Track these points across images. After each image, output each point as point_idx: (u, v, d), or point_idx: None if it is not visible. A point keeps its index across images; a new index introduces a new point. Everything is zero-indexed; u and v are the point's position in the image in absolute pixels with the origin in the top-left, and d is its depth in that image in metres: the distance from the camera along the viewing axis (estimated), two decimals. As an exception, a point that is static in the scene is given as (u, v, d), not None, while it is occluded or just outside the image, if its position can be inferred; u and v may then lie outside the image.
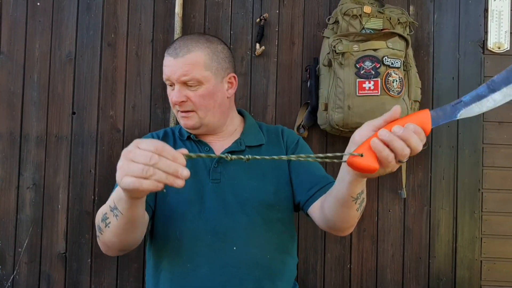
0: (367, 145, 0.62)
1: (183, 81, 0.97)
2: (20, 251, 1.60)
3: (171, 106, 1.02)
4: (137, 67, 1.64)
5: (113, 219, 0.77)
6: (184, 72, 0.96)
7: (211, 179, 0.99)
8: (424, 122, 0.65)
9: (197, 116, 0.99)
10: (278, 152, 1.06)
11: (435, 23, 1.67)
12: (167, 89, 1.03)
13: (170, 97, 1.00)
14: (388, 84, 1.40)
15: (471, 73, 1.65)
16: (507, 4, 1.65)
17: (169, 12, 1.64)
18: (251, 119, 1.14)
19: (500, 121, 1.65)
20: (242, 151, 1.03)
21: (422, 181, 1.64)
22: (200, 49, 0.99)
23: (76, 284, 1.60)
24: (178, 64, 0.97)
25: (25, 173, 1.61)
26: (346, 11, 1.48)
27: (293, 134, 1.14)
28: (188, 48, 0.98)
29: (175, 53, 0.97)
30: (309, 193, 0.98)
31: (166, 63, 0.99)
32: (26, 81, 1.63)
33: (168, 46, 1.02)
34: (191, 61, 0.97)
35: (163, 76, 1.01)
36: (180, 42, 1.00)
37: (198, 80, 0.97)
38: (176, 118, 1.58)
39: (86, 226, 1.61)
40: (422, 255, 1.63)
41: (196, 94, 0.98)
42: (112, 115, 1.63)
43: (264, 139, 1.08)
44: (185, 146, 1.03)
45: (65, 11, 1.64)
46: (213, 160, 1.00)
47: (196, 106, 0.98)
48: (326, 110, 1.49)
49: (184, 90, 0.98)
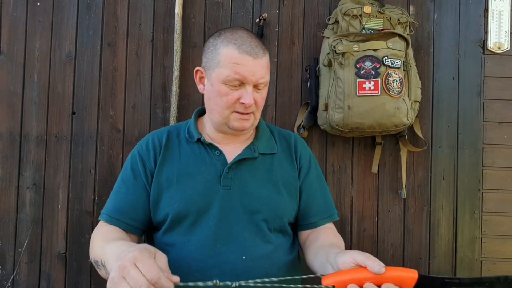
0: (342, 278, 0.66)
1: (258, 84, 0.93)
2: (20, 251, 1.60)
3: (224, 107, 0.94)
4: (137, 67, 1.64)
5: (103, 272, 0.80)
6: (263, 74, 0.93)
7: (222, 185, 0.96)
8: (407, 284, 0.64)
9: (253, 117, 0.97)
10: (290, 165, 1.04)
11: (435, 23, 1.67)
12: (223, 88, 0.92)
13: (233, 97, 0.92)
14: (388, 84, 1.40)
15: (471, 73, 1.65)
16: (507, 4, 1.65)
17: (169, 12, 1.64)
18: (263, 122, 1.09)
19: (500, 121, 1.65)
20: (254, 158, 0.99)
21: (422, 181, 1.64)
22: (267, 51, 0.97)
23: (76, 284, 1.60)
24: (258, 65, 0.91)
25: (25, 173, 1.61)
26: (346, 11, 1.48)
27: (306, 148, 1.10)
28: (263, 49, 0.94)
29: (255, 53, 0.91)
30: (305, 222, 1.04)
31: (243, 61, 0.90)
32: (26, 81, 1.63)
33: (231, 40, 0.92)
34: (266, 63, 0.94)
35: (228, 74, 0.91)
36: (251, 40, 0.93)
37: (266, 83, 0.96)
38: (175, 118, 1.58)
39: (86, 226, 1.61)
40: (422, 255, 1.63)
41: (261, 96, 0.95)
42: (112, 115, 1.63)
43: (276, 148, 1.04)
44: (193, 149, 0.99)
45: (65, 11, 1.64)
46: (225, 165, 0.97)
47: (258, 108, 0.96)
48: (326, 110, 1.48)
49: (253, 92, 0.93)
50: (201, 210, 0.94)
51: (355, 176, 1.63)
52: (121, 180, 1.01)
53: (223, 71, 0.91)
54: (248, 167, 0.98)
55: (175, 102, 1.58)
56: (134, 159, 1.01)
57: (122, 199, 0.97)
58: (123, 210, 0.96)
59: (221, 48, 0.92)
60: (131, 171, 1.00)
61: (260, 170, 0.99)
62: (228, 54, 0.91)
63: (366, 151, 1.64)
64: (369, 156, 1.63)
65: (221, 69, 0.91)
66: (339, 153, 1.64)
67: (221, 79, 0.91)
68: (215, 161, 0.98)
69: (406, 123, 1.44)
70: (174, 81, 1.58)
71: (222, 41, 0.93)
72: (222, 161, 0.98)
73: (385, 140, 1.63)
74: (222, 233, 0.93)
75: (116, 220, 0.95)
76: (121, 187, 0.99)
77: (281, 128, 1.14)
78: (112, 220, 0.95)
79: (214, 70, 0.93)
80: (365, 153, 1.64)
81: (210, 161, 0.98)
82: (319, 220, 1.03)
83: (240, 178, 0.97)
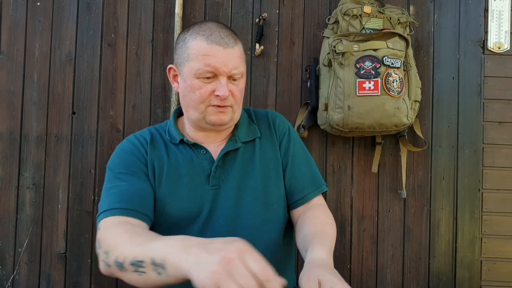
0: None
1: (232, 74, 0.89)
2: (20, 251, 1.60)
3: (198, 101, 0.90)
4: (137, 67, 1.64)
5: (152, 274, 0.64)
6: (236, 64, 0.88)
7: (211, 186, 0.93)
8: None
9: (231, 110, 0.92)
10: (271, 144, 1.00)
11: (435, 23, 1.67)
12: (196, 82, 0.88)
13: (207, 90, 0.88)
14: (388, 84, 1.40)
15: (471, 73, 1.65)
16: (507, 4, 1.65)
17: (169, 12, 1.64)
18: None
19: (500, 121, 1.65)
20: (237, 149, 0.97)
21: (422, 181, 1.64)
22: (240, 42, 0.92)
23: (76, 284, 1.60)
24: (229, 55, 0.87)
25: (25, 173, 1.61)
26: (346, 11, 1.48)
27: (283, 121, 1.06)
28: (234, 39, 0.90)
29: (225, 43, 0.87)
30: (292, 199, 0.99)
31: (212, 52, 0.86)
32: (26, 81, 1.63)
33: (199, 32, 0.89)
34: (239, 53, 0.90)
35: (199, 67, 0.87)
36: (220, 30, 0.89)
37: (242, 74, 0.91)
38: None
39: (86, 226, 1.61)
40: (422, 255, 1.63)
41: (238, 88, 0.91)
42: (112, 115, 1.63)
43: (258, 131, 1.01)
44: (180, 151, 0.95)
45: (65, 11, 1.64)
46: (212, 164, 0.94)
47: (235, 101, 0.92)
48: (326, 110, 1.48)
49: (228, 84, 0.89)
50: (191, 214, 0.91)
51: (355, 176, 1.63)
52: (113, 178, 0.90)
53: (194, 65, 0.87)
54: (233, 160, 0.96)
55: (175, 102, 1.58)
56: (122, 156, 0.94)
57: (128, 190, 0.87)
58: (133, 199, 0.85)
59: (189, 41, 0.89)
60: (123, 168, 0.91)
61: (246, 160, 0.97)
62: (197, 46, 0.87)
63: (366, 151, 1.64)
64: (369, 156, 1.63)
65: (192, 62, 0.88)
66: (339, 153, 1.64)
67: (192, 73, 0.88)
68: (202, 160, 0.95)
69: (406, 123, 1.44)
70: (174, 81, 1.58)
71: (191, 35, 0.90)
72: (209, 159, 0.95)
73: (385, 140, 1.63)
74: (213, 233, 0.90)
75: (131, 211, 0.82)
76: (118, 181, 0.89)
77: (257, 109, 1.10)
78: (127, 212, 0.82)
79: (185, 65, 0.90)
80: (365, 153, 1.64)
81: (197, 161, 0.95)
82: (307, 194, 0.98)
83: (227, 173, 0.94)
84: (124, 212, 0.82)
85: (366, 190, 1.63)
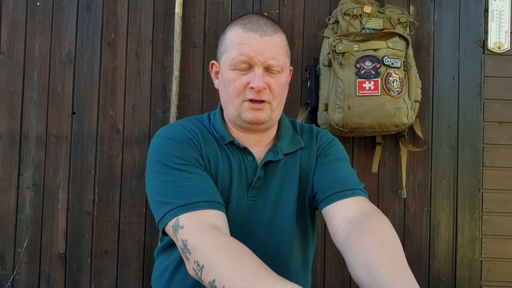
0: None
1: (269, 65, 0.81)
2: (20, 251, 1.60)
3: (233, 95, 0.83)
4: (137, 67, 1.64)
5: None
6: (274, 54, 0.81)
7: (249, 197, 0.87)
8: None
9: (270, 107, 0.83)
10: (310, 155, 0.92)
11: (435, 23, 1.67)
12: (231, 74, 0.82)
13: (241, 82, 0.81)
14: (388, 84, 1.40)
15: (471, 73, 1.65)
16: (507, 4, 1.65)
17: (169, 12, 1.64)
18: (285, 119, 0.97)
19: (500, 121, 1.65)
20: (279, 161, 0.89)
21: (422, 181, 1.64)
22: (282, 32, 0.85)
23: (76, 284, 1.60)
24: (267, 43, 0.80)
25: (25, 173, 1.61)
26: (346, 11, 1.48)
27: (328, 134, 0.97)
28: (274, 28, 0.83)
29: (262, 31, 0.80)
30: (326, 194, 0.84)
31: (248, 40, 0.80)
32: (26, 81, 1.63)
33: (238, 21, 0.84)
34: (279, 43, 0.83)
35: (234, 56, 0.81)
36: (259, 19, 0.83)
37: (282, 67, 0.83)
38: (175, 118, 1.58)
39: (86, 226, 1.60)
40: (422, 255, 1.63)
41: (277, 82, 0.83)
42: (112, 115, 1.63)
43: (302, 142, 0.93)
44: (226, 153, 0.87)
45: (65, 11, 1.64)
46: (255, 174, 0.87)
47: (274, 96, 0.83)
48: (326, 110, 1.48)
49: (264, 76, 0.81)
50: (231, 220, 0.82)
51: (355, 176, 1.63)
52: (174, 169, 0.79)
53: (229, 55, 0.82)
54: (273, 172, 0.89)
55: (175, 102, 1.58)
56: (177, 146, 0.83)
57: (200, 181, 0.78)
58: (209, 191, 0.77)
59: (228, 33, 0.84)
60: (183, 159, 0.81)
61: (287, 173, 0.90)
62: (233, 35, 0.82)
63: (366, 151, 1.64)
64: (369, 156, 1.63)
65: (228, 53, 0.82)
66: (339, 153, 1.64)
67: (228, 65, 0.82)
68: (248, 167, 0.88)
69: (406, 123, 1.44)
70: (174, 81, 1.58)
71: (230, 26, 0.85)
72: (253, 168, 0.88)
73: (385, 140, 1.63)
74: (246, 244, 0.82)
75: (213, 203, 0.75)
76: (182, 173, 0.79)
77: (302, 123, 1.03)
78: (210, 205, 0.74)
79: (223, 57, 0.84)
80: (365, 153, 1.64)
81: (244, 167, 0.88)
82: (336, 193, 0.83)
83: (266, 187, 0.88)
84: (208, 205, 0.73)
85: (366, 190, 1.62)
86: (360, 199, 0.82)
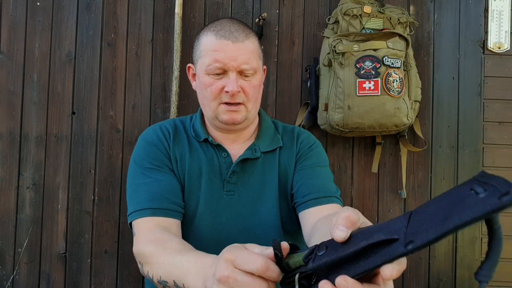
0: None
1: (242, 70, 0.86)
2: (20, 251, 1.60)
3: (210, 98, 0.88)
4: (137, 67, 1.64)
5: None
6: (246, 59, 0.85)
7: (225, 191, 0.91)
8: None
9: (245, 109, 0.89)
10: (290, 157, 0.96)
11: (435, 23, 1.67)
12: (207, 79, 0.87)
13: (217, 86, 0.86)
14: (388, 84, 1.40)
15: (471, 73, 1.65)
16: (507, 4, 1.65)
17: (169, 12, 1.64)
18: (267, 119, 1.02)
19: (500, 121, 1.65)
20: (256, 158, 0.93)
21: (422, 181, 1.64)
22: (254, 36, 0.90)
23: (76, 284, 1.60)
24: (239, 49, 0.85)
25: (25, 173, 1.61)
26: (346, 11, 1.48)
27: (310, 137, 1.01)
28: (245, 33, 0.87)
29: (234, 37, 0.85)
30: (304, 199, 0.89)
31: (221, 47, 0.84)
32: (26, 81, 1.63)
33: (211, 28, 0.88)
34: (251, 48, 0.87)
35: (208, 63, 0.86)
36: (231, 25, 0.87)
37: (254, 69, 0.88)
38: (175, 116, 1.58)
39: (86, 226, 1.60)
40: (422, 255, 1.62)
41: (250, 84, 0.88)
42: (112, 115, 1.63)
43: (281, 141, 0.98)
44: (202, 149, 0.94)
45: (65, 11, 1.64)
46: (229, 169, 0.92)
47: (248, 98, 0.88)
48: (326, 110, 1.48)
49: (238, 80, 0.86)
50: (205, 215, 0.90)
51: (355, 176, 1.63)
52: (140, 173, 0.89)
53: (204, 61, 0.87)
54: (252, 170, 0.93)
55: (175, 102, 1.58)
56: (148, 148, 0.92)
57: (156, 187, 0.86)
58: (163, 196, 0.85)
59: (201, 38, 0.89)
60: (148, 162, 0.90)
61: (265, 171, 0.94)
62: (207, 42, 0.87)
63: (366, 151, 1.64)
64: (369, 156, 1.63)
65: (203, 59, 0.87)
66: (339, 153, 1.64)
67: (203, 70, 0.87)
68: (222, 163, 0.93)
69: (406, 123, 1.44)
70: (174, 81, 1.58)
71: (203, 31, 0.90)
72: (228, 164, 0.93)
73: (385, 140, 1.63)
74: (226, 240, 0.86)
75: (161, 210, 0.83)
76: (145, 178, 0.88)
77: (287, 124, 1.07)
78: (160, 212, 0.83)
79: (198, 62, 0.89)
80: (365, 153, 1.64)
81: (218, 162, 0.93)
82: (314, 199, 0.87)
83: (244, 183, 0.92)
84: (155, 213, 0.83)
85: (366, 190, 1.63)
86: (337, 207, 0.88)
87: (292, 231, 0.95)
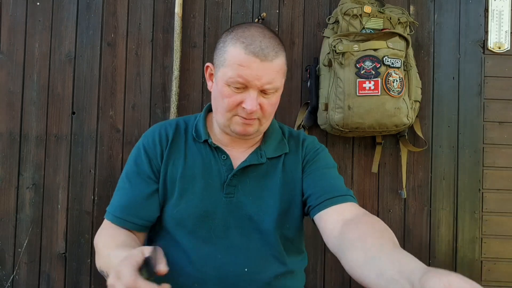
0: None
1: (265, 89, 0.83)
2: (20, 251, 1.60)
3: (225, 109, 0.86)
4: (137, 67, 1.64)
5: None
6: (271, 79, 0.83)
7: (225, 193, 0.90)
8: None
9: (258, 123, 0.88)
10: (295, 162, 0.95)
11: (436, 23, 1.66)
12: (226, 89, 0.84)
13: (235, 99, 0.84)
14: (388, 84, 1.40)
15: (472, 73, 1.65)
16: (508, 4, 1.65)
17: (169, 12, 1.64)
18: (275, 123, 1.00)
19: (500, 121, 1.65)
20: (261, 164, 0.92)
21: (422, 181, 1.64)
22: (283, 53, 0.86)
23: (76, 284, 1.60)
24: (266, 69, 0.81)
25: (25, 173, 1.61)
26: (346, 11, 1.48)
27: (315, 142, 1.00)
28: (275, 51, 0.83)
29: (263, 55, 0.81)
30: (318, 200, 0.87)
31: (248, 63, 0.81)
32: (26, 81, 1.63)
33: (240, 38, 0.83)
34: (278, 67, 0.84)
35: (231, 75, 0.82)
36: (262, 39, 0.82)
37: (276, 88, 0.86)
38: (175, 116, 1.58)
39: (85, 226, 1.60)
40: (422, 255, 1.62)
41: (269, 102, 0.86)
42: (111, 115, 1.63)
43: (287, 147, 0.96)
44: (200, 149, 0.93)
45: (65, 11, 1.64)
46: (230, 171, 0.90)
47: (264, 115, 0.86)
48: (326, 110, 1.48)
49: (258, 97, 0.84)
50: (201, 218, 0.88)
51: (355, 176, 1.63)
52: (125, 176, 0.93)
53: (227, 71, 0.83)
54: (254, 174, 0.92)
55: (175, 102, 1.58)
56: (139, 152, 0.94)
57: (127, 196, 0.90)
58: (128, 208, 0.89)
59: (229, 46, 0.84)
60: (135, 166, 0.92)
61: (267, 176, 0.93)
62: (234, 53, 0.82)
63: (366, 151, 1.64)
64: (369, 156, 1.63)
65: (226, 68, 0.84)
66: (339, 153, 1.64)
67: (224, 80, 0.84)
68: (221, 166, 0.92)
69: (407, 123, 1.44)
70: (174, 81, 1.58)
71: (231, 39, 0.85)
72: (228, 166, 0.91)
73: (385, 140, 1.63)
74: (223, 244, 0.88)
75: (122, 220, 0.88)
76: (125, 183, 0.92)
77: (292, 128, 1.06)
78: (118, 220, 0.88)
79: (220, 69, 0.86)
80: (365, 153, 1.64)
81: (216, 165, 0.92)
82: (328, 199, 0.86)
83: (244, 186, 0.91)
84: (116, 220, 0.89)
85: (366, 190, 1.63)
86: (354, 205, 0.85)
87: (291, 237, 0.94)
